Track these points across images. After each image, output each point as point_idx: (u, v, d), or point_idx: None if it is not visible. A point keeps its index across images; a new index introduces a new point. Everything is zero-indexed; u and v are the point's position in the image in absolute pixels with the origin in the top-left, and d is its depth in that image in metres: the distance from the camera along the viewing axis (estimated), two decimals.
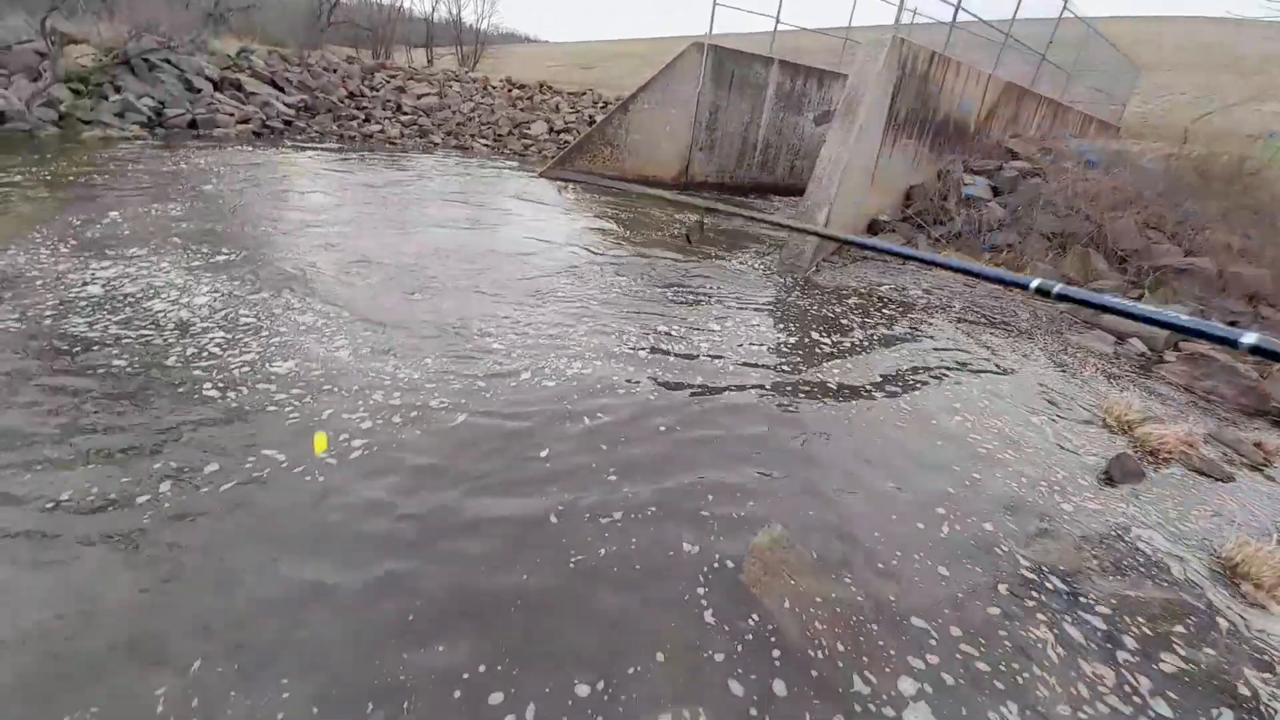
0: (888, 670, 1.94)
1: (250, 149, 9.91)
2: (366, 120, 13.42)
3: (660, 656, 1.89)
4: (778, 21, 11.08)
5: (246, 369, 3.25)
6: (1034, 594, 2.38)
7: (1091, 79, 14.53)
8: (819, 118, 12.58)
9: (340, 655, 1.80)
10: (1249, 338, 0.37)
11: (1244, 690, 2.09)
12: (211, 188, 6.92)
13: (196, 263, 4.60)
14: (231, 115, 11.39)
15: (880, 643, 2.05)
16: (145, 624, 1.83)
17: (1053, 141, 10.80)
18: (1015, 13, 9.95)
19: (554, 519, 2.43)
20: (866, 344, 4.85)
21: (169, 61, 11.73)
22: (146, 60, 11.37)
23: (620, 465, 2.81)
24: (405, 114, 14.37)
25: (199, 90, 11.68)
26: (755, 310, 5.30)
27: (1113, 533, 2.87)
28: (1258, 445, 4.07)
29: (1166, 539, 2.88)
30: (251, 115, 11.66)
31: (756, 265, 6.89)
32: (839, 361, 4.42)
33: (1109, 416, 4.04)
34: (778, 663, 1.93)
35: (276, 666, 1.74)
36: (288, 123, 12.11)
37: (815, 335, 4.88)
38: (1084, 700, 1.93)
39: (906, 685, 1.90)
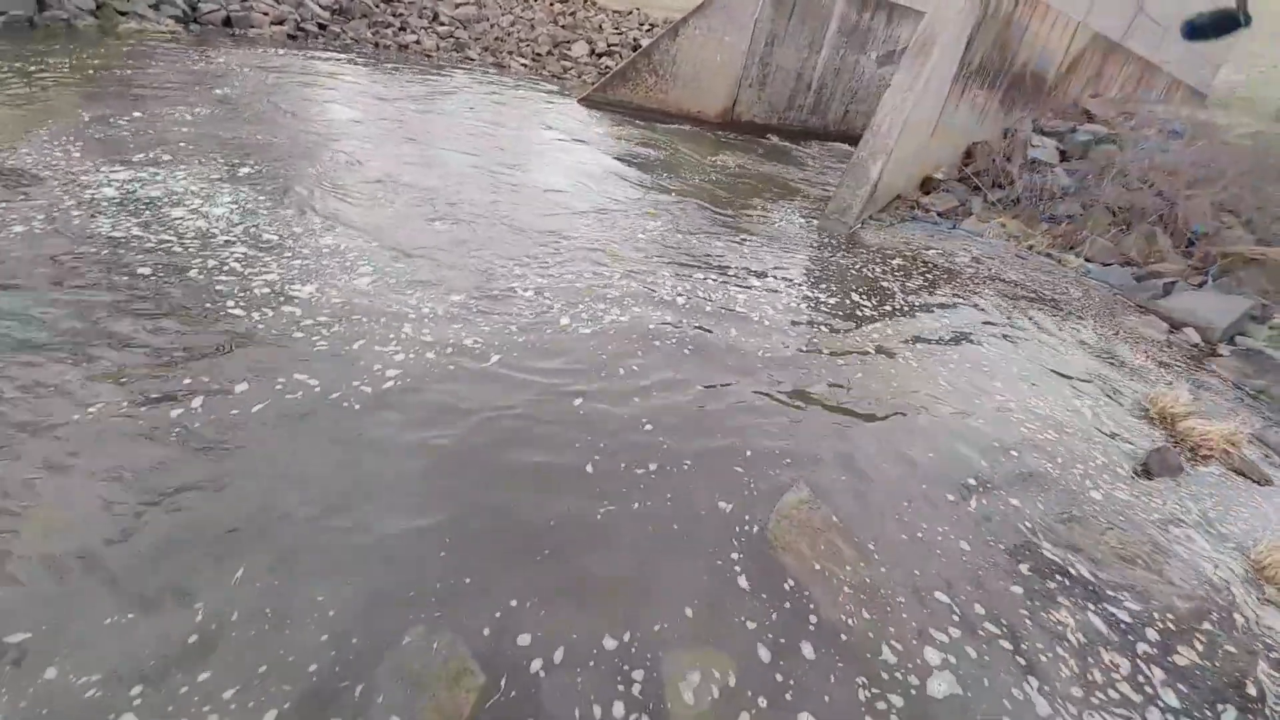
0: (913, 641, 1.99)
1: (283, 51, 9.59)
2: (402, 29, 12.82)
3: (688, 611, 1.96)
4: None
5: (268, 290, 3.20)
6: (1057, 578, 2.40)
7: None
8: (882, 58, 11.68)
9: (381, 571, 1.89)
10: None
11: (1252, 689, 2.12)
12: (238, 92, 6.73)
13: (216, 175, 4.48)
14: (266, 15, 10.95)
15: (904, 613, 2.09)
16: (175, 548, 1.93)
17: (1135, 105, 9.94)
18: None
19: (589, 469, 2.47)
20: (908, 310, 4.71)
21: None
22: None
23: (654, 417, 2.82)
24: (442, 24, 13.67)
25: None
26: (796, 266, 5.14)
27: (1144, 526, 2.84)
28: None
29: (1199, 536, 2.85)
30: (286, 16, 11.20)
31: (799, 218, 6.63)
32: (879, 326, 4.31)
33: (1154, 407, 3.92)
34: (796, 619, 1.99)
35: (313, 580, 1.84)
36: (322, 26, 11.62)
37: (856, 297, 4.74)
38: (1098, 685, 1.98)
39: (932, 655, 1.95)
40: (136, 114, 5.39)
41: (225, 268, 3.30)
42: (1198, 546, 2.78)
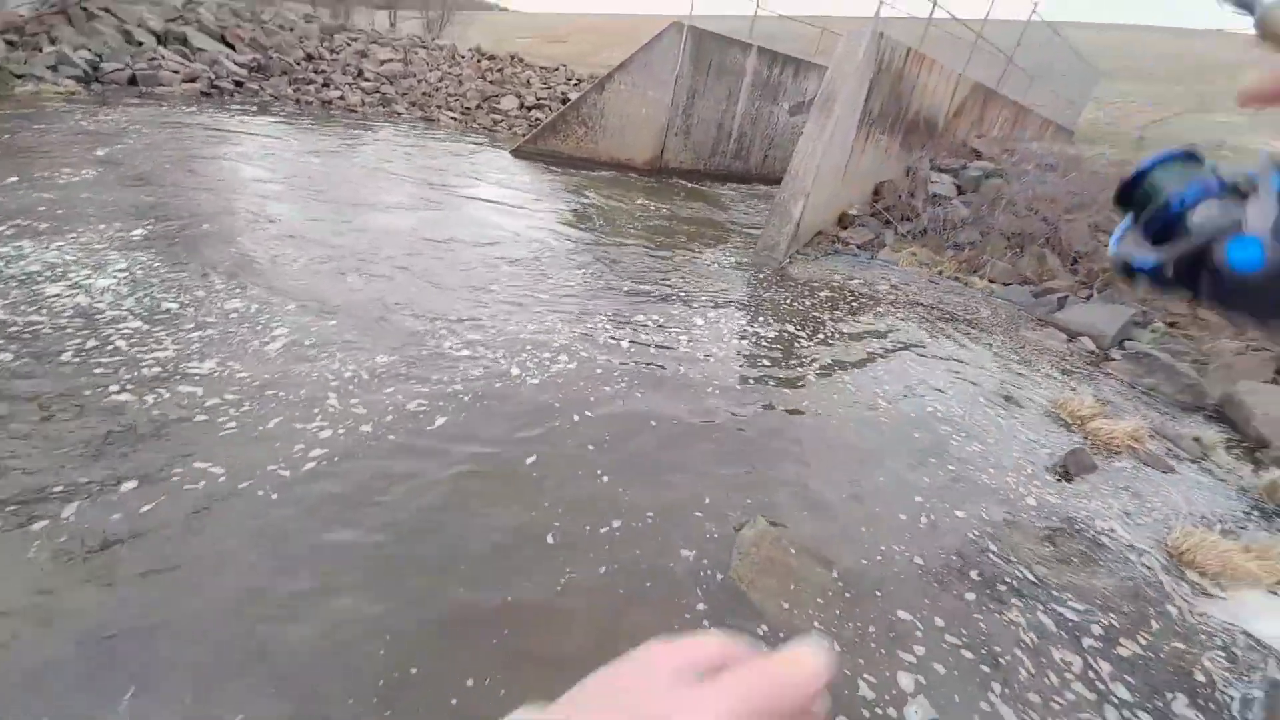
0: (885, 671, 2.02)
1: (194, 110, 9.27)
2: (325, 85, 12.73)
3: None
4: (758, 5, 11.00)
5: (160, 370, 2.84)
6: (1005, 582, 2.52)
7: (1052, 83, 15.06)
8: (794, 108, 12.64)
9: (305, 685, 1.74)
10: None
11: (1198, 674, 2.26)
12: (133, 153, 6.38)
13: (104, 243, 4.05)
14: (176, 73, 10.61)
15: (873, 641, 2.12)
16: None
17: (1014, 143, 11.18)
18: (988, 12, 10.18)
19: (550, 539, 2.39)
20: (840, 337, 4.96)
21: (108, 11, 10.81)
22: (85, 9, 10.44)
23: (611, 468, 2.79)
24: (367, 80, 13.69)
25: (140, 44, 10.84)
26: (733, 303, 5.34)
27: (1071, 523, 3.04)
28: (1196, 439, 4.37)
29: (1120, 528, 3.08)
30: (199, 73, 10.89)
31: (730, 257, 6.92)
32: (815, 355, 4.51)
33: (1063, 411, 4.27)
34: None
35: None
36: (239, 84, 11.36)
37: (791, 328, 4.95)
38: (1056, 686, 2.06)
39: (905, 680, 1.98)
40: (12, 179, 5.00)
41: (109, 347, 2.93)
42: (1121, 538, 3.00)
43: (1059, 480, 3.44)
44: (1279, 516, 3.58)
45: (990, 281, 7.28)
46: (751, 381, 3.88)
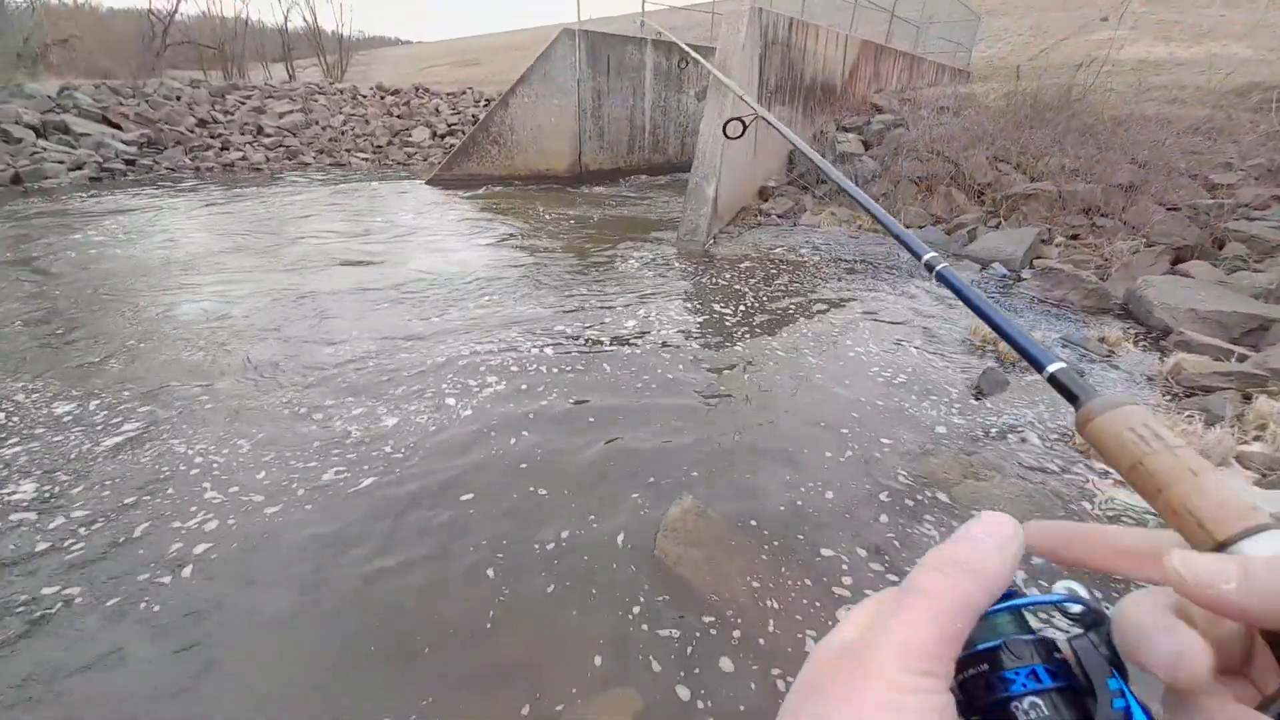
0: (825, 617, 2.09)
1: (84, 197, 8.89)
2: (224, 148, 12.36)
3: (597, 659, 1.94)
4: (644, 2, 11.15)
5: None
6: (923, 505, 2.64)
7: (940, 30, 15.70)
8: (700, 93, 12.85)
9: None
10: (1053, 366, 0.41)
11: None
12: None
13: None
14: (61, 163, 10.14)
15: (808, 595, 2.20)
16: None
17: (912, 92, 11.62)
18: None
19: (490, 572, 2.40)
20: (767, 307, 5.09)
21: None
22: None
23: (550, 481, 2.81)
24: (268, 135, 13.34)
25: (19, 140, 10.31)
26: (660, 293, 5.41)
27: (985, 438, 3.21)
28: (1102, 339, 4.63)
29: (1033, 436, 3.25)
30: (84, 160, 10.43)
31: (655, 248, 7.01)
32: (743, 329, 4.61)
33: (975, 336, 4.48)
34: (701, 633, 2.03)
35: None
36: (130, 162, 10.93)
37: (718, 307, 5.05)
38: None
39: (842, 615, 2.06)
40: None
41: None
42: (1034, 444, 3.18)
43: (976, 400, 3.61)
44: (1185, 397, 3.82)
45: (906, 226, 7.52)
46: (682, 367, 3.95)
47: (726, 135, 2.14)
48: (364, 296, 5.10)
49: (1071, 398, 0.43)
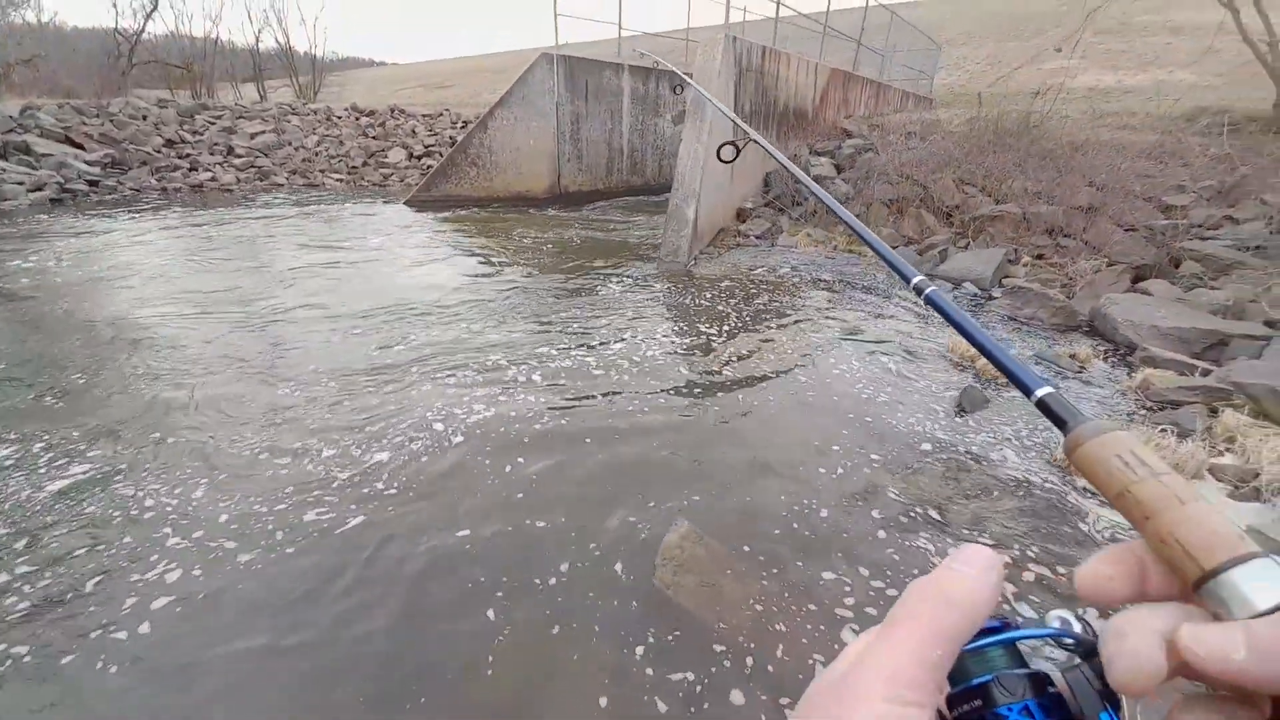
0: (832, 643, 2.07)
1: (44, 219, 8.57)
2: (193, 169, 12.08)
3: (600, 698, 1.88)
4: (620, 28, 11.37)
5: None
6: (915, 522, 2.65)
7: (904, 59, 16.36)
8: (676, 118, 13.09)
9: None
10: (1041, 390, 0.40)
11: None
12: None
13: None
14: (21, 184, 9.77)
15: (810, 620, 2.17)
16: None
17: (879, 118, 12.04)
18: (829, 5, 10.97)
19: (490, 614, 2.32)
20: (750, 327, 5.13)
21: None
22: None
23: (545, 511, 2.75)
24: (239, 156, 13.10)
25: None
26: (645, 315, 5.42)
27: (969, 456, 3.25)
28: (1073, 356, 4.78)
29: (1012, 453, 3.31)
30: (45, 180, 10.07)
31: (637, 270, 7.04)
32: (728, 349, 4.64)
33: (954, 353, 4.58)
34: (710, 666, 1.98)
35: None
36: (93, 183, 10.60)
37: (703, 327, 5.08)
38: None
39: (849, 636, 2.03)
40: None
41: None
42: (1014, 462, 3.24)
43: (958, 417, 3.68)
44: (1154, 411, 3.95)
45: None
46: (669, 392, 3.94)
47: (720, 159, 2.16)
48: (340, 322, 4.99)
49: (1060, 422, 0.43)
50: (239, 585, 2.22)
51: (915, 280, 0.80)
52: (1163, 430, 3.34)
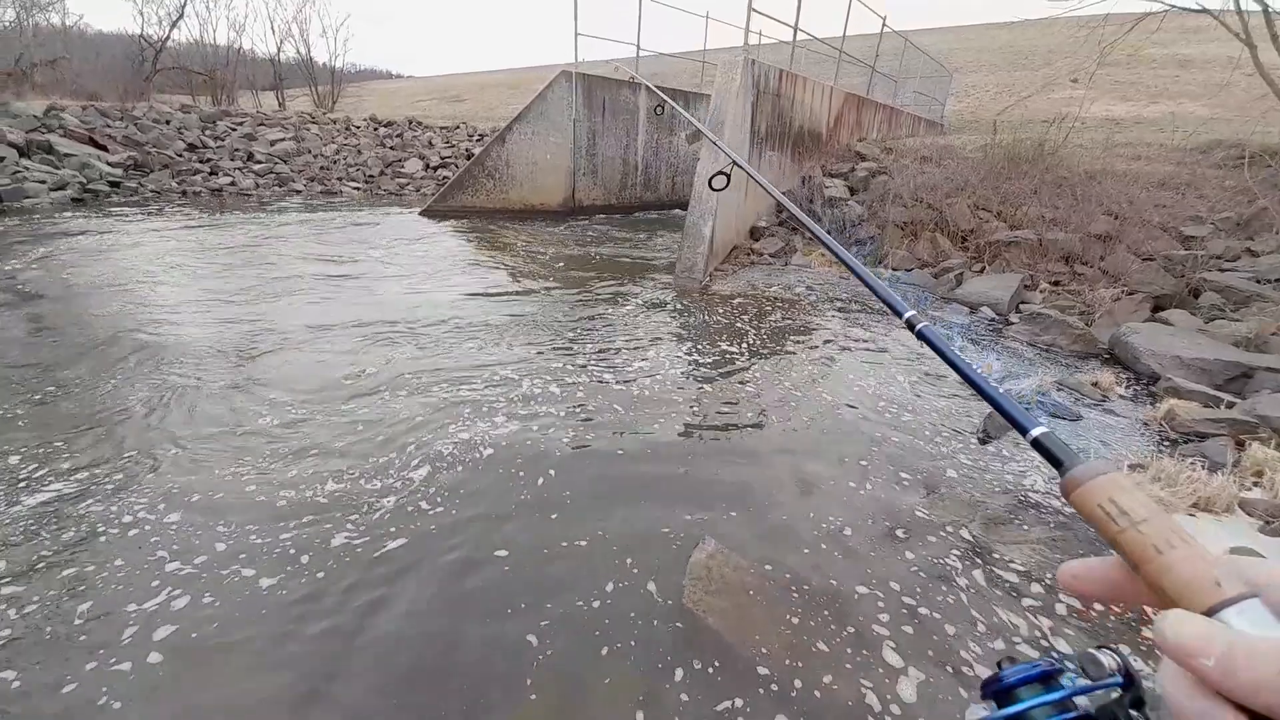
0: (874, 666, 2.02)
1: (63, 217, 8.68)
2: (213, 173, 12.25)
3: (625, 710, 1.83)
4: (639, 49, 11.54)
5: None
6: (945, 545, 2.61)
7: (916, 84, 16.54)
8: (690, 137, 13.22)
9: None
10: (1036, 430, 0.40)
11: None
12: None
13: None
14: (43, 182, 9.92)
15: (849, 645, 2.13)
16: None
17: (892, 142, 12.13)
18: (845, 30, 11.12)
19: (532, 639, 2.29)
20: (771, 344, 5.12)
21: None
22: None
23: (585, 531, 2.72)
24: (259, 162, 13.28)
25: (1, 159, 10.09)
26: (663, 330, 5.42)
27: (997, 483, 3.21)
28: (1095, 384, 4.75)
29: (1040, 481, 3.27)
30: (68, 180, 10.22)
31: (653, 284, 7.06)
32: (750, 366, 4.62)
33: None
34: (752, 692, 1.94)
35: None
36: (114, 184, 10.75)
37: (724, 345, 5.06)
38: (1008, 632, 2.13)
39: (891, 657, 1.99)
40: None
41: None
42: (1041, 490, 3.19)
43: (981, 443, 3.64)
44: (1180, 443, 3.90)
45: (894, 269, 7.76)
46: (690, 404, 3.92)
47: (712, 188, 2.15)
48: (359, 331, 5.00)
49: (1055, 462, 0.43)
50: (261, 610, 2.13)
51: (907, 315, 0.78)
52: (1191, 463, 3.29)
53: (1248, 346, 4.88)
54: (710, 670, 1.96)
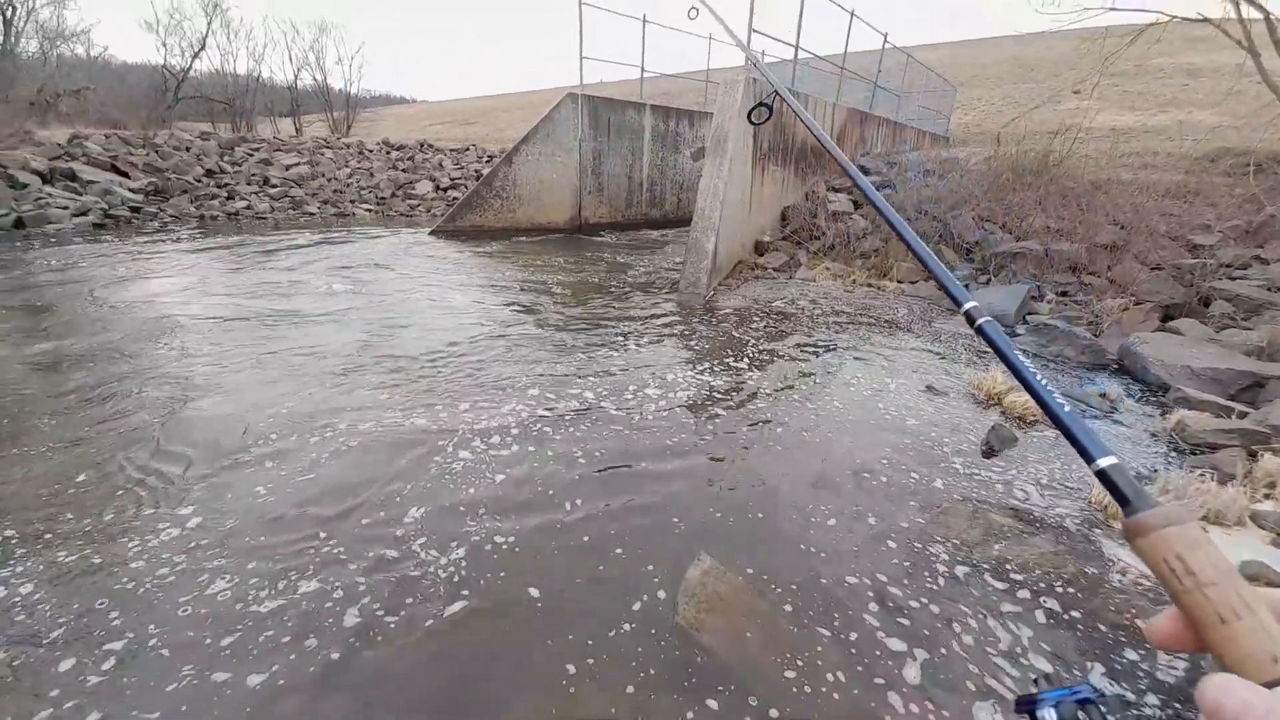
0: (875, 679, 1.99)
1: (83, 243, 8.94)
2: (230, 198, 12.58)
3: None
4: (643, 70, 11.77)
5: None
6: (949, 560, 2.57)
7: (919, 99, 16.64)
8: (695, 154, 13.40)
9: None
10: (1105, 461, 0.37)
11: (1139, 623, 2.35)
12: None
13: None
14: (66, 208, 10.25)
15: (845, 671, 2.11)
16: None
17: (896, 155, 12.19)
18: (846, 49, 11.26)
19: (572, 668, 2.30)
20: (776, 358, 5.12)
21: None
22: None
23: (599, 546, 2.73)
24: (274, 186, 13.63)
25: (25, 186, 10.45)
26: (667, 344, 5.44)
27: (1001, 496, 3.17)
28: (1104, 395, 4.68)
29: (1046, 494, 3.22)
30: (90, 206, 10.55)
31: (658, 299, 7.11)
32: (755, 379, 4.62)
33: (979, 391, 4.51)
34: (729, 710, 1.92)
35: None
36: (135, 209, 11.07)
37: (730, 359, 5.07)
38: (1015, 651, 2.10)
39: (910, 671, 1.96)
40: None
41: None
42: (1048, 503, 3.14)
43: (986, 456, 3.60)
44: (1190, 454, 3.83)
45: (899, 282, 7.75)
46: (690, 417, 3.92)
47: (751, 121, 2.10)
48: (364, 350, 5.08)
49: (1122, 501, 0.41)
50: (283, 640, 2.19)
51: (968, 306, 0.70)
52: (1201, 475, 3.23)
53: (1260, 355, 4.80)
54: (703, 689, 1.94)
